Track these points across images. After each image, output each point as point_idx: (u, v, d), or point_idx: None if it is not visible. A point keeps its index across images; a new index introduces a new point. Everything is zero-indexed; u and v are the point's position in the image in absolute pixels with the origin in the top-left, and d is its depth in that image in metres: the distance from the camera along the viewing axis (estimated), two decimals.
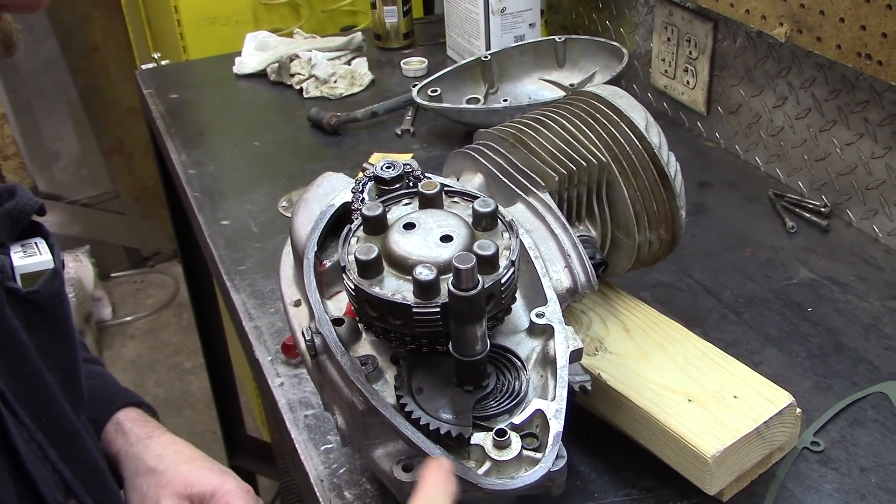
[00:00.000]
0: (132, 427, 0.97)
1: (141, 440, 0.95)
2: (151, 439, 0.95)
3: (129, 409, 0.99)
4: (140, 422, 0.98)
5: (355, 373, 0.68)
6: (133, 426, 0.97)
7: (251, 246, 1.28)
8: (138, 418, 0.98)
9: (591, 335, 0.91)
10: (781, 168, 1.37)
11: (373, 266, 0.67)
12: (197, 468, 0.93)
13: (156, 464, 0.93)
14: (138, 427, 0.97)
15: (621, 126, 0.89)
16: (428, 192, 0.73)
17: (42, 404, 0.78)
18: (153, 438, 0.96)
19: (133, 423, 0.97)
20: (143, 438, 0.96)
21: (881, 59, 1.08)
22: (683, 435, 0.79)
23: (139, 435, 0.96)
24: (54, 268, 0.82)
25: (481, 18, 1.69)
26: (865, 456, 0.89)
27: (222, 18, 2.20)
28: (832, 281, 1.15)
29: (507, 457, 0.63)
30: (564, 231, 0.81)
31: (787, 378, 0.99)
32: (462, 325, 0.63)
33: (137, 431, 0.96)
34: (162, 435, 0.97)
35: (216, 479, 0.92)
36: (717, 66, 1.45)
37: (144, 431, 0.96)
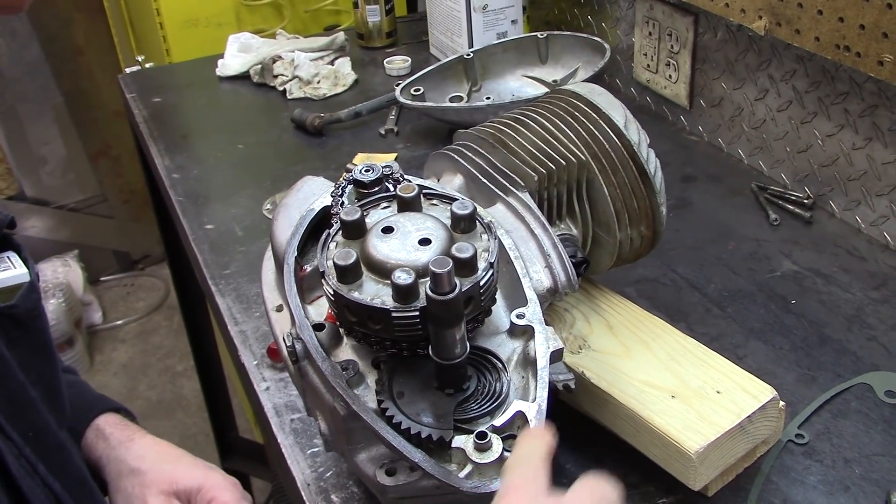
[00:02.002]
0: (112, 431, 0.96)
1: (122, 443, 0.95)
2: (133, 441, 0.95)
3: (108, 415, 0.99)
4: (120, 426, 0.97)
5: (336, 378, 0.68)
6: (113, 430, 0.96)
7: (236, 250, 1.28)
8: (118, 423, 0.98)
9: (575, 333, 0.91)
10: (764, 160, 1.38)
11: (351, 271, 0.67)
12: (182, 465, 0.92)
13: (139, 464, 0.92)
14: (118, 431, 0.96)
15: (600, 124, 0.89)
16: (406, 195, 0.73)
17: (28, 419, 0.78)
18: (134, 440, 0.95)
19: (113, 427, 0.97)
20: (125, 441, 0.95)
21: (859, 50, 1.08)
22: (667, 431, 0.79)
23: (120, 438, 0.95)
24: (30, 281, 0.81)
25: (463, 16, 1.69)
26: (849, 447, 0.89)
27: (205, 20, 2.20)
28: (815, 273, 1.15)
29: (488, 459, 0.63)
30: (544, 231, 0.81)
31: (772, 371, 0.99)
32: (441, 328, 0.63)
33: (118, 435, 0.96)
34: (143, 437, 0.96)
35: (202, 474, 0.91)
36: (698, 59, 1.45)
37: (125, 434, 0.96)
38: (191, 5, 2.20)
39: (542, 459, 0.60)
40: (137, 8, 2.53)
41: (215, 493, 0.89)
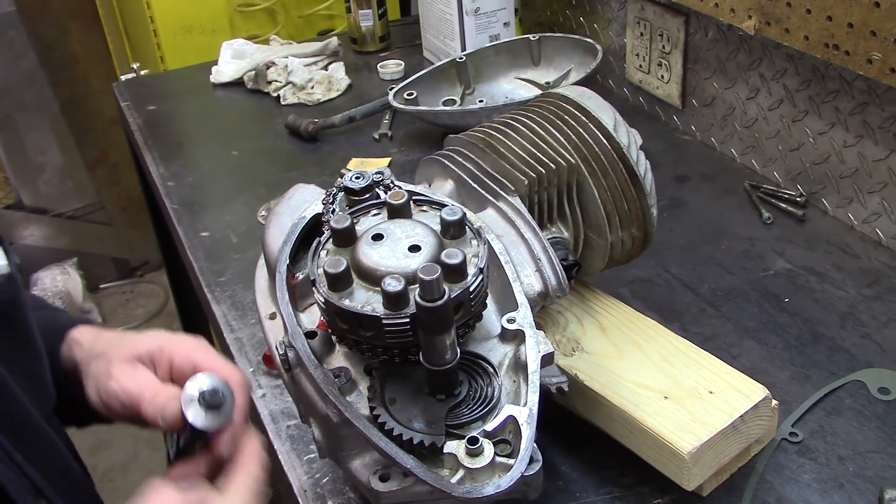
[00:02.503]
0: (83, 336, 0.94)
1: (93, 340, 0.92)
2: (101, 335, 0.92)
3: (81, 327, 0.96)
4: (91, 331, 0.94)
5: (328, 385, 0.68)
6: (83, 335, 0.94)
7: (231, 257, 1.28)
8: (89, 330, 0.95)
9: (568, 335, 0.91)
10: (757, 159, 1.38)
11: (342, 279, 0.67)
12: (143, 335, 0.88)
13: (104, 348, 0.89)
14: (89, 334, 0.94)
15: (590, 127, 0.90)
16: (395, 202, 0.73)
17: (4, 407, 0.77)
18: (103, 334, 0.93)
19: (84, 333, 0.94)
20: (95, 338, 0.93)
21: (848, 48, 1.09)
22: (660, 432, 0.80)
23: (90, 338, 0.93)
24: (10, 272, 0.80)
25: (455, 19, 1.69)
26: (843, 445, 0.90)
27: (198, 27, 2.20)
28: (809, 271, 1.16)
29: (479, 464, 0.63)
30: (535, 235, 0.82)
31: (765, 370, 1.00)
32: (431, 335, 0.64)
33: (88, 337, 0.93)
34: (112, 331, 0.93)
35: (163, 336, 0.87)
36: (690, 59, 1.46)
37: (95, 335, 0.93)
38: (184, 12, 2.20)
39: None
40: (132, 16, 2.53)
41: (174, 347, 0.84)
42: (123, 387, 0.81)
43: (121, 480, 2.71)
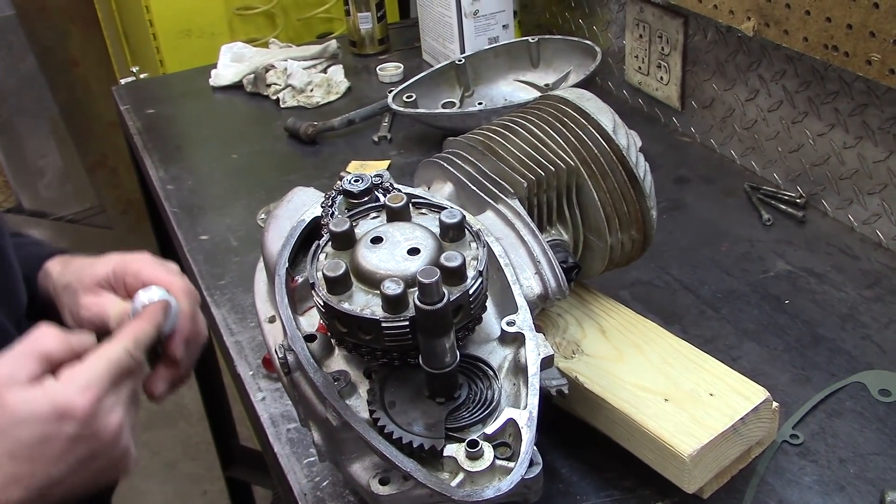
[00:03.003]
0: (53, 268, 0.97)
1: (60, 273, 0.95)
2: (68, 265, 0.95)
3: (56, 258, 0.99)
4: (62, 261, 0.98)
5: (328, 389, 0.68)
6: (54, 266, 0.97)
7: (230, 260, 1.28)
8: (61, 260, 0.98)
9: (568, 338, 0.91)
10: (756, 160, 1.38)
11: (341, 282, 0.67)
12: (101, 260, 0.91)
13: (70, 279, 0.92)
14: (58, 266, 0.97)
15: (589, 129, 0.90)
16: (394, 205, 0.73)
17: None
18: (69, 264, 0.95)
19: (54, 264, 0.98)
20: (63, 269, 0.96)
21: (847, 50, 1.09)
22: (660, 435, 0.80)
23: (58, 271, 0.96)
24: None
25: (454, 22, 1.69)
26: (844, 447, 0.90)
27: (198, 31, 2.20)
28: (809, 272, 1.16)
29: (479, 467, 0.63)
30: (534, 237, 0.82)
31: (766, 371, 0.99)
32: (430, 338, 0.64)
33: (57, 269, 0.96)
34: (79, 258, 0.97)
35: (114, 259, 0.90)
36: (689, 61, 1.46)
37: (64, 265, 0.96)
38: (183, 16, 2.21)
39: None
40: (131, 19, 2.53)
41: (126, 268, 0.88)
42: (93, 312, 0.86)
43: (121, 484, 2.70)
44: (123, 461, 0.74)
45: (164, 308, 0.80)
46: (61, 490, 0.70)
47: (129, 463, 0.75)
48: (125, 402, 0.73)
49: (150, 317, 0.79)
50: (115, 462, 0.73)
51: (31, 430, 0.68)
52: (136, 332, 0.76)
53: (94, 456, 0.71)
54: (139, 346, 0.75)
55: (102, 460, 0.72)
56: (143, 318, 0.78)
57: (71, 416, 0.68)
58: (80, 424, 0.69)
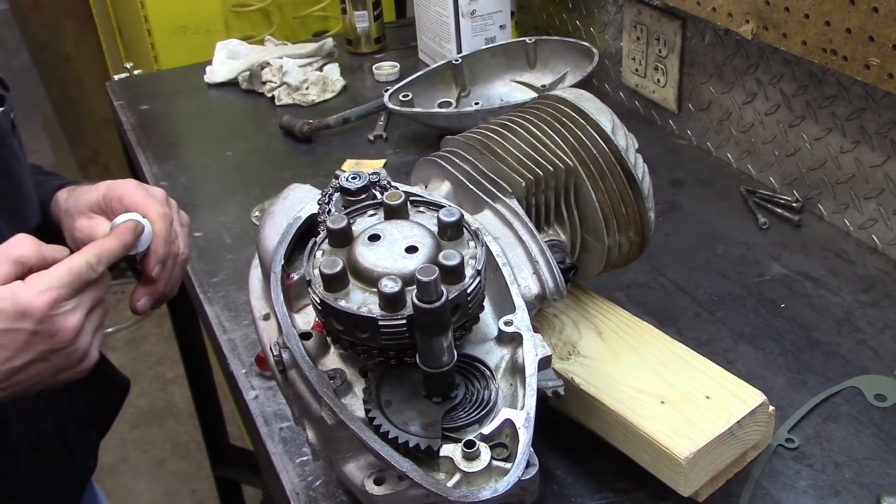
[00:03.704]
0: (62, 193, 1.07)
1: (64, 200, 1.05)
2: (72, 194, 1.04)
3: (65, 188, 1.08)
4: (68, 190, 1.06)
5: (323, 387, 0.67)
6: (60, 195, 1.07)
7: (224, 257, 1.27)
8: (69, 188, 1.07)
9: (564, 339, 0.91)
10: (753, 164, 1.38)
11: (338, 279, 0.67)
12: (92, 187, 0.99)
13: (69, 205, 1.02)
14: (67, 193, 1.06)
15: (588, 129, 0.89)
16: (392, 202, 0.73)
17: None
18: (73, 192, 1.04)
19: (64, 191, 1.07)
20: (66, 197, 1.05)
21: (846, 54, 1.09)
22: (656, 437, 0.79)
23: (63, 199, 1.06)
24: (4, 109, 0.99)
25: (451, 21, 1.69)
26: (839, 451, 0.89)
27: (193, 27, 2.19)
28: (805, 276, 1.15)
29: (476, 468, 0.63)
30: (532, 237, 0.81)
31: (761, 375, 0.99)
32: (428, 337, 0.63)
33: (63, 197, 1.06)
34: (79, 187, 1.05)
35: (103, 186, 0.98)
36: (686, 63, 1.46)
37: (67, 194, 1.05)
38: (179, 12, 2.20)
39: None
40: (126, 15, 2.52)
41: (112, 193, 0.95)
42: (84, 234, 0.96)
43: (110, 482, 2.69)
44: (83, 360, 0.83)
45: (133, 228, 0.89)
46: (23, 378, 0.79)
47: (88, 363, 0.84)
48: (85, 307, 0.82)
49: (116, 235, 0.87)
50: (73, 359, 0.82)
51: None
52: (101, 247, 0.84)
53: (53, 351, 0.80)
54: (101, 259, 0.83)
55: (60, 357, 0.81)
56: (110, 236, 0.87)
57: (29, 315, 0.77)
58: (37, 322, 0.77)
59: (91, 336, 0.83)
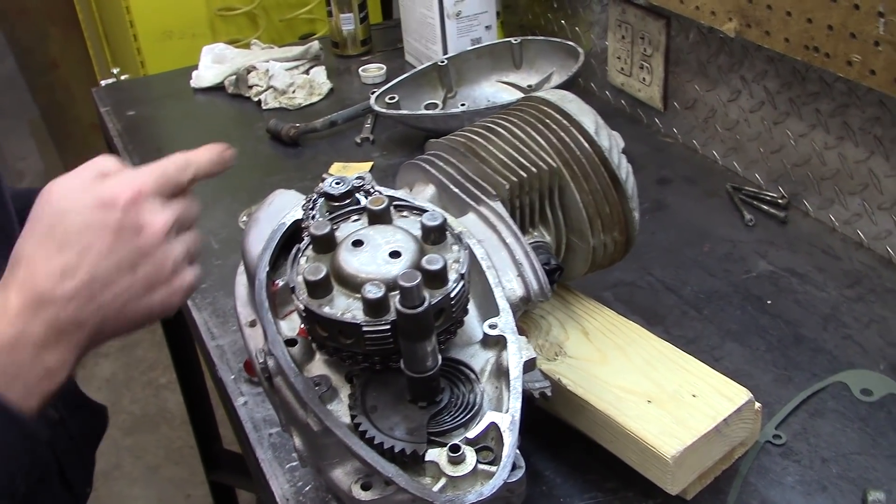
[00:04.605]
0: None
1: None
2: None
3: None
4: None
5: (309, 394, 0.67)
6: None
7: (212, 263, 1.27)
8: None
9: (551, 340, 0.91)
10: (738, 161, 1.38)
11: (321, 286, 0.67)
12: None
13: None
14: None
15: (571, 130, 0.90)
16: (375, 207, 0.73)
17: None
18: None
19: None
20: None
21: (828, 51, 1.09)
22: (643, 437, 0.79)
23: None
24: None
25: (437, 23, 1.69)
26: (826, 447, 0.90)
27: (179, 32, 2.19)
28: (791, 272, 1.16)
29: (461, 472, 0.63)
30: (516, 239, 0.81)
31: (748, 372, 1.00)
32: (411, 342, 0.63)
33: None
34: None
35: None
36: (671, 62, 1.46)
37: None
38: (164, 17, 2.19)
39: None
40: (112, 20, 2.52)
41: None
42: None
43: (104, 489, 2.69)
44: (175, 276, 0.73)
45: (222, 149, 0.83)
46: (109, 296, 0.70)
47: (182, 282, 0.74)
48: (174, 213, 0.74)
49: (206, 149, 0.81)
50: (164, 271, 0.73)
51: (78, 219, 0.70)
52: (189, 155, 0.79)
53: (141, 253, 0.71)
54: (189, 165, 0.78)
55: (149, 265, 0.72)
56: (204, 149, 0.81)
57: (113, 205, 0.70)
58: (122, 213, 0.70)
59: (183, 252, 0.75)
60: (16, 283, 0.69)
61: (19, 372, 0.66)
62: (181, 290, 0.74)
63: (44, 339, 0.67)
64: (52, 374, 0.67)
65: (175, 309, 0.75)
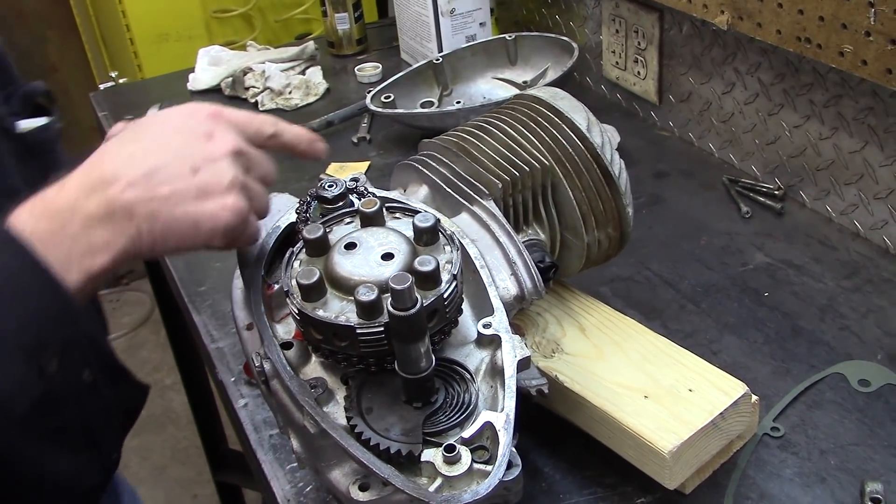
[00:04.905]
0: None
1: None
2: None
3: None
4: None
5: (305, 396, 0.68)
6: None
7: (211, 266, 1.27)
8: None
9: (548, 337, 0.91)
10: (734, 153, 1.39)
11: (315, 289, 0.67)
12: None
13: None
14: None
15: (563, 128, 0.90)
16: (367, 210, 0.73)
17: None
18: None
19: None
20: None
21: (820, 41, 1.09)
22: (640, 432, 0.80)
23: None
24: (49, 122, 0.95)
25: (431, 21, 1.69)
26: (825, 438, 0.90)
27: (175, 34, 2.19)
28: (788, 264, 1.16)
29: (457, 472, 0.63)
30: (509, 238, 0.81)
31: (746, 365, 1.00)
32: (405, 343, 0.64)
33: None
34: None
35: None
36: (665, 55, 1.46)
37: None
38: (160, 19, 2.19)
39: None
40: (109, 24, 2.52)
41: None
42: None
43: None
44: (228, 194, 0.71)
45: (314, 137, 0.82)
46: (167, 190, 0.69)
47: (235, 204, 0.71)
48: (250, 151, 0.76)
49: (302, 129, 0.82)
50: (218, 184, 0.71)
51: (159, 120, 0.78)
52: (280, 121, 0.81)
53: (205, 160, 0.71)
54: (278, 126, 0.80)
55: (208, 173, 0.71)
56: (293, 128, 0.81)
57: (194, 115, 0.76)
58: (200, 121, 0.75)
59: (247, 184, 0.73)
60: (83, 166, 0.72)
61: (64, 240, 0.67)
62: (231, 210, 0.71)
63: (94, 215, 0.68)
64: (95, 252, 0.67)
65: (218, 233, 0.71)
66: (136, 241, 0.68)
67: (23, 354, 0.64)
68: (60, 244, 0.66)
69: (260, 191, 0.75)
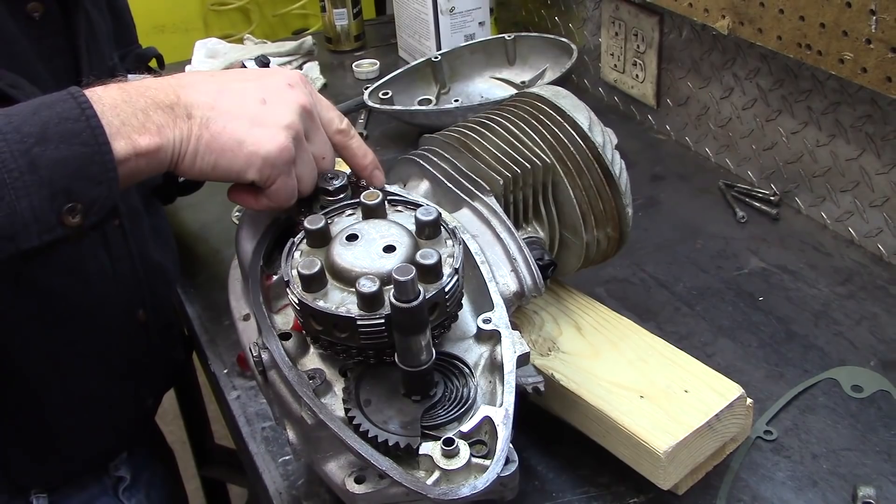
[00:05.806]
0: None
1: None
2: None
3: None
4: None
5: (303, 387, 0.68)
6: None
7: (205, 258, 1.27)
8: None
9: (544, 335, 0.91)
10: (731, 158, 1.39)
11: (316, 280, 0.67)
12: None
13: None
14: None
15: (565, 126, 0.90)
16: (370, 202, 0.73)
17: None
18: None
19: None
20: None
21: (820, 48, 1.09)
22: (635, 432, 0.80)
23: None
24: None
25: (431, 18, 1.69)
26: (817, 442, 0.90)
27: (171, 26, 2.18)
28: (782, 269, 1.16)
29: (455, 465, 0.63)
30: (510, 235, 0.81)
31: (740, 368, 1.00)
32: (406, 336, 0.63)
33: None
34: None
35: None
36: (664, 59, 1.46)
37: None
38: (157, 11, 2.18)
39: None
40: None
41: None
42: None
43: None
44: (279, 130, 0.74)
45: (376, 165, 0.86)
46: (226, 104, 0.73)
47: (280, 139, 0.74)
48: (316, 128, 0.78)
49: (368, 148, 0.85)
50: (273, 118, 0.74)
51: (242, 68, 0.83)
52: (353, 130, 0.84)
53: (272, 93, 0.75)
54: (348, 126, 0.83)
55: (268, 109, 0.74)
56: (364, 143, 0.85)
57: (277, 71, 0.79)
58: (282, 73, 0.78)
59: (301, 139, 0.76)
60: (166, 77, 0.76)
61: (125, 110, 0.69)
62: (277, 144, 0.73)
63: (159, 101, 0.71)
64: (146, 132, 0.70)
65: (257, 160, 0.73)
66: (185, 140, 0.71)
67: (49, 192, 0.65)
68: (120, 113, 0.69)
69: (310, 160, 0.78)
